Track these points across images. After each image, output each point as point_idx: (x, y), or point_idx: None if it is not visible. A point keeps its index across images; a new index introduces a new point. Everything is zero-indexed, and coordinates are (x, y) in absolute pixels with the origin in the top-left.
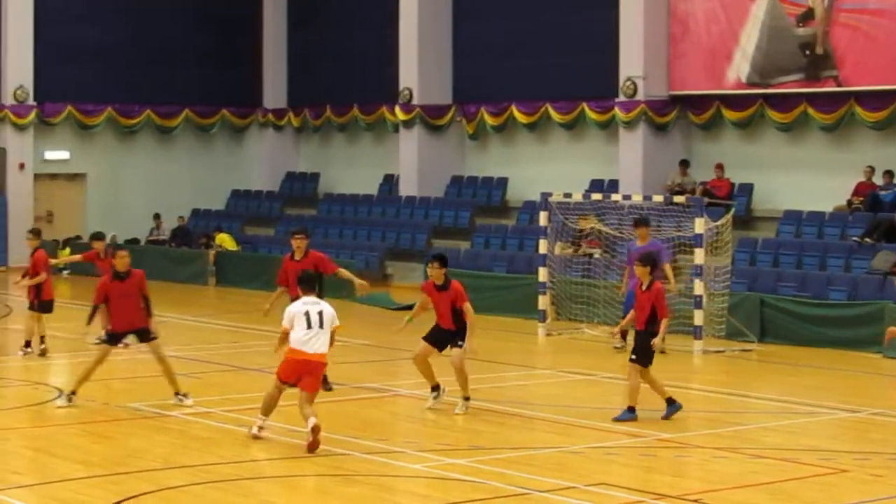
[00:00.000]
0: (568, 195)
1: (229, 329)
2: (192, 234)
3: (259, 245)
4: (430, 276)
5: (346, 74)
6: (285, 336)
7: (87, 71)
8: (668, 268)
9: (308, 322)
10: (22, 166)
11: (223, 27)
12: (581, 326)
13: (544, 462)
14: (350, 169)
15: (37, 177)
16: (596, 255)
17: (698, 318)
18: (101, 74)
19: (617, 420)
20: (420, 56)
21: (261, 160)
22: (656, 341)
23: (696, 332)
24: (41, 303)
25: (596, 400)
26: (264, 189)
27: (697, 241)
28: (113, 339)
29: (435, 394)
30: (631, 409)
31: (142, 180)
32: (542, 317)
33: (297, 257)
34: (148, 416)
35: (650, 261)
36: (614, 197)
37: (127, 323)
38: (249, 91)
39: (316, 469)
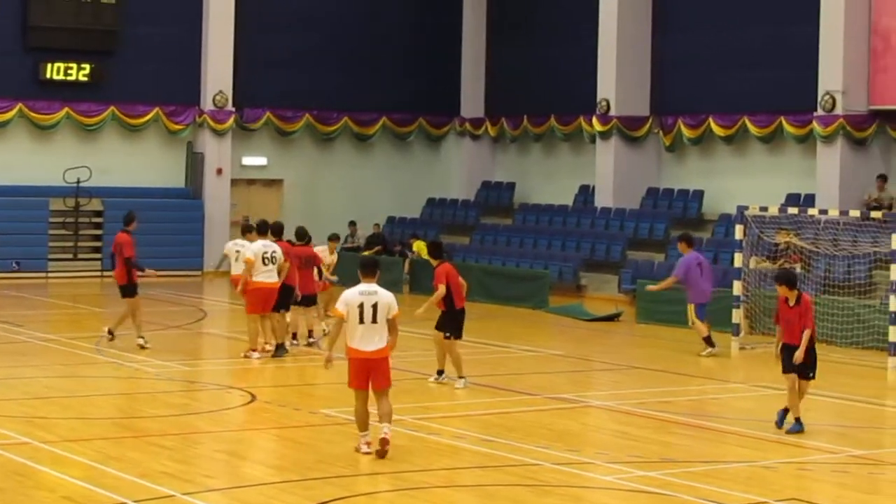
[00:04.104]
0: (764, 209)
1: (421, 336)
2: (388, 241)
3: (455, 254)
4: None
5: (544, 85)
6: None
7: (285, 77)
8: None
9: (361, 316)
10: (220, 171)
11: (422, 36)
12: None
13: (736, 476)
14: (546, 179)
15: (234, 182)
16: (798, 270)
17: (893, 334)
18: (299, 81)
19: (789, 432)
20: (618, 67)
21: (457, 169)
22: (798, 354)
23: (892, 349)
24: (304, 297)
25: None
26: (460, 198)
27: (894, 256)
28: None
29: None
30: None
31: (338, 187)
32: (737, 330)
33: None
34: (339, 421)
35: (787, 279)
36: (811, 211)
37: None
38: (447, 100)
39: (508, 479)
